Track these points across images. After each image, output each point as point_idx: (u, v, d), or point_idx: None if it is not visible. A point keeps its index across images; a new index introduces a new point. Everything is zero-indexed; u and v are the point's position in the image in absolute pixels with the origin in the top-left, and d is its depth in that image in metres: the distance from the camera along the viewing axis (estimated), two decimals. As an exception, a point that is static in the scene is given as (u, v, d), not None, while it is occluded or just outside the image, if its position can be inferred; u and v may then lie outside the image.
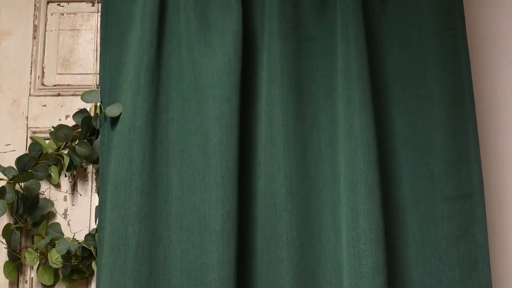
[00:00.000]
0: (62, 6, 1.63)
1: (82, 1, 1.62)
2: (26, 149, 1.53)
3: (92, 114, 1.49)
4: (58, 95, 1.58)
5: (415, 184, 1.45)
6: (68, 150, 1.50)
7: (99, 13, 1.59)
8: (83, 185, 1.54)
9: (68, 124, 1.50)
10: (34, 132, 1.55)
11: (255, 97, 1.49)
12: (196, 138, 1.42)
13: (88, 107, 1.51)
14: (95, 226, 1.47)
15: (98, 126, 1.47)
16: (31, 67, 1.59)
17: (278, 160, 1.40)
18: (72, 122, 1.50)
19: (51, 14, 1.62)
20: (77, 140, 1.49)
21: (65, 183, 1.54)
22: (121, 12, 1.52)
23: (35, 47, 1.60)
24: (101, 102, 1.48)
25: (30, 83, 1.59)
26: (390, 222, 1.43)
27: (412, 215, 1.44)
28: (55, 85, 1.59)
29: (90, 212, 1.52)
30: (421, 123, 1.47)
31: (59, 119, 1.56)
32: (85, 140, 1.48)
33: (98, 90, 1.49)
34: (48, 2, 1.63)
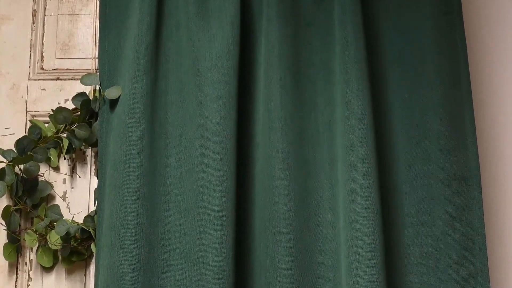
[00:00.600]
0: (61, -9, 1.64)
1: (81, -14, 1.63)
2: (26, 133, 1.54)
3: (91, 97, 1.49)
4: (57, 79, 1.59)
5: (412, 167, 1.46)
6: (67, 133, 1.50)
7: (98, -2, 1.60)
8: (82, 168, 1.55)
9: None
10: (34, 116, 1.56)
11: (254, 81, 1.49)
12: (195, 121, 1.43)
13: (87, 91, 1.52)
14: (94, 209, 1.48)
15: (97, 109, 1.48)
16: (30, 52, 1.60)
17: (276, 143, 1.41)
18: (71, 106, 1.51)
19: (50, -1, 1.63)
20: (76, 124, 1.50)
21: (64, 166, 1.54)
22: (120, -3, 1.53)
23: (34, 32, 1.61)
24: (100, 85, 1.49)
25: (30, 67, 1.59)
26: (387, 204, 1.44)
27: (409, 198, 1.45)
28: (54, 69, 1.60)
29: (89, 195, 1.53)
30: (418, 107, 1.48)
31: (58, 103, 1.56)
32: (84, 123, 1.49)
33: (97, 74, 1.50)
34: (47, -13, 1.64)
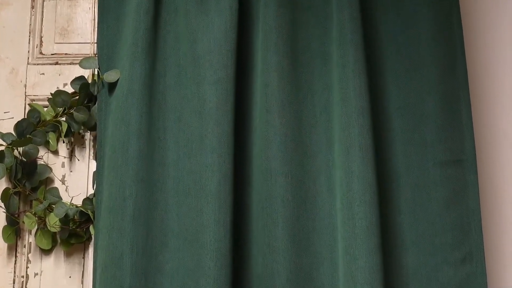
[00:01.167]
0: (60, -24, 1.65)
1: (80, -29, 1.64)
2: (25, 117, 1.54)
3: (90, 81, 1.50)
4: (56, 64, 1.59)
5: (408, 150, 1.47)
6: (66, 117, 1.51)
7: (97, -17, 1.61)
8: (81, 152, 1.56)
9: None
10: (33, 100, 1.57)
11: (251, 64, 1.50)
12: (193, 104, 1.43)
13: (86, 75, 1.52)
14: (93, 191, 1.49)
15: (96, 92, 1.49)
16: (29, 36, 1.61)
17: (273, 126, 1.42)
18: (71, 91, 1.52)
19: (49, -16, 1.64)
20: (75, 107, 1.50)
21: (63, 150, 1.55)
22: (118, -19, 1.53)
23: (33, 17, 1.62)
24: (99, 69, 1.50)
25: (29, 52, 1.60)
26: (384, 187, 1.45)
27: (405, 180, 1.46)
28: (53, 54, 1.61)
29: (88, 178, 1.54)
30: (414, 90, 1.49)
31: (57, 87, 1.57)
32: (83, 107, 1.50)
33: (96, 57, 1.51)
34: (46, -27, 1.65)
